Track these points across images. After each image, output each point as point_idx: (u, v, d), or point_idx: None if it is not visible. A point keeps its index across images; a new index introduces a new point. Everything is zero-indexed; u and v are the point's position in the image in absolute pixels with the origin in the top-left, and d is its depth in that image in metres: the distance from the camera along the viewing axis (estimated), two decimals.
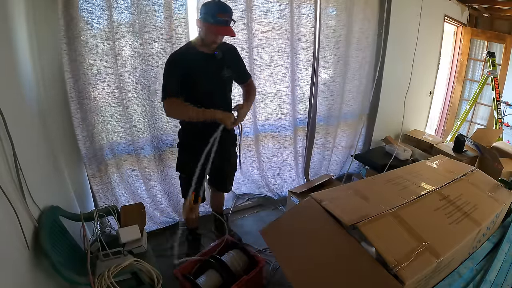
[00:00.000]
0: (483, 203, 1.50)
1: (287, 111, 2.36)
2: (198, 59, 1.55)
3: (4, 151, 1.01)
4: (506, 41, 3.61)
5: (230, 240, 1.83)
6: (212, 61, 1.58)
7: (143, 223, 1.60)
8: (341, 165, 2.98)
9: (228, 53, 1.65)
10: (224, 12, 1.46)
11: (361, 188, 1.57)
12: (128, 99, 1.81)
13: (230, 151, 1.83)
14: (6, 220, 0.96)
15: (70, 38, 1.54)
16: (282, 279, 1.78)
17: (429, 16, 2.87)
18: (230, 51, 1.69)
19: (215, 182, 1.95)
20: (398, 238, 1.23)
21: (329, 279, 1.22)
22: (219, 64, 1.61)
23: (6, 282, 0.90)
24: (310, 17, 2.22)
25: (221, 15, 1.45)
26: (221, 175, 1.88)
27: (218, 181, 1.93)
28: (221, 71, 1.62)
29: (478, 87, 3.52)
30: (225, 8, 1.48)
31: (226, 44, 1.68)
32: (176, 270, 1.58)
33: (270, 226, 1.57)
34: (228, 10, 1.49)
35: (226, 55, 1.63)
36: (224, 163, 1.80)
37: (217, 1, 1.50)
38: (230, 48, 1.70)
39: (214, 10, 1.45)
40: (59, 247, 1.24)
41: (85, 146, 1.75)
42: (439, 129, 4.19)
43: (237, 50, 1.73)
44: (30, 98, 1.39)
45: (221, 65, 1.61)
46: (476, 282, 1.26)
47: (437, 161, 1.95)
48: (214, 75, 1.60)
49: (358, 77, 2.65)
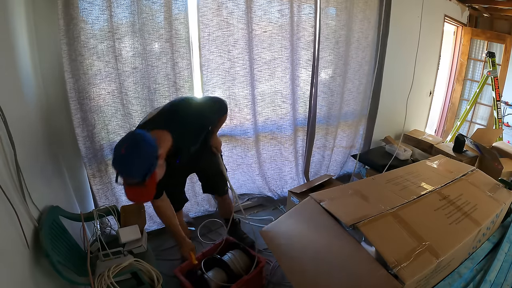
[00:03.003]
0: (483, 203, 1.50)
1: (287, 111, 2.36)
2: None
3: (4, 151, 1.01)
4: (506, 41, 3.61)
5: (231, 240, 1.83)
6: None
7: (143, 223, 1.60)
8: (341, 165, 2.98)
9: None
10: (125, 175, 1.16)
11: (361, 188, 1.57)
12: (128, 99, 1.81)
13: (207, 160, 1.78)
14: (6, 220, 0.96)
15: (70, 38, 1.54)
16: (282, 279, 1.77)
17: (429, 16, 2.87)
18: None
19: (207, 189, 1.99)
20: (398, 238, 1.23)
21: (329, 279, 1.22)
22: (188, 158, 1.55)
23: (6, 282, 0.90)
24: (310, 17, 2.22)
25: (124, 177, 1.17)
26: (209, 181, 1.93)
27: (209, 187, 1.96)
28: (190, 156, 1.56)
29: (478, 87, 3.52)
30: (123, 171, 1.15)
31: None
32: (176, 269, 1.59)
33: (270, 226, 1.57)
34: (128, 173, 1.15)
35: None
36: (206, 171, 1.85)
37: (117, 161, 1.15)
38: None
39: (117, 171, 1.17)
40: (59, 247, 1.24)
41: (85, 146, 1.75)
42: (439, 129, 4.19)
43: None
44: (30, 98, 1.39)
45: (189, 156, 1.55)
46: (476, 282, 1.27)
47: (437, 161, 1.95)
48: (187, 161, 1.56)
49: (358, 77, 2.65)
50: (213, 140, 1.72)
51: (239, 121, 2.24)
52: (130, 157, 1.12)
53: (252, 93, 2.18)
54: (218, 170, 1.81)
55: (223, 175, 1.83)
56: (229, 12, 1.92)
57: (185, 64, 1.87)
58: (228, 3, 1.90)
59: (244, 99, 2.17)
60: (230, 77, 2.08)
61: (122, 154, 1.12)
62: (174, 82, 1.89)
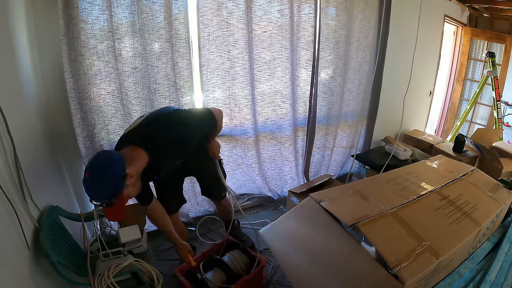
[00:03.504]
0: (483, 203, 1.50)
1: (287, 111, 2.36)
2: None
3: (4, 151, 1.01)
4: (506, 41, 3.61)
5: (231, 240, 1.83)
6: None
7: (143, 223, 1.60)
8: (341, 165, 2.98)
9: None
10: (91, 198, 1.15)
11: (361, 188, 1.57)
12: (128, 99, 1.81)
13: (202, 165, 1.74)
14: (6, 220, 0.96)
15: (70, 38, 1.54)
16: (282, 279, 1.78)
17: (429, 16, 2.87)
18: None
19: (204, 193, 1.94)
20: (398, 238, 1.23)
21: (329, 279, 1.22)
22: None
23: (6, 282, 0.90)
24: (310, 17, 2.22)
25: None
26: (204, 185, 1.89)
27: (206, 191, 1.92)
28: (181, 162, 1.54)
29: (478, 87, 3.52)
30: (89, 194, 1.14)
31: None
32: (176, 269, 1.59)
33: (270, 226, 1.57)
34: (93, 196, 1.14)
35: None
36: (201, 175, 1.83)
37: (84, 183, 1.13)
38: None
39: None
40: (59, 247, 1.24)
41: (85, 146, 1.75)
42: (439, 129, 4.19)
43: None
44: (30, 98, 1.39)
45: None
46: (476, 282, 1.27)
47: (437, 161, 1.95)
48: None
49: (358, 77, 2.65)
50: (210, 146, 1.64)
51: (239, 121, 2.24)
52: (94, 180, 1.11)
53: (252, 93, 2.18)
54: (214, 175, 1.74)
55: (219, 180, 1.75)
56: (229, 12, 1.92)
57: (185, 64, 1.87)
58: (228, 3, 1.90)
59: (244, 99, 2.17)
60: (230, 77, 2.08)
61: (87, 177, 1.12)
62: (174, 82, 1.89)
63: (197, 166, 1.70)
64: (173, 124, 1.38)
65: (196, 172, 1.82)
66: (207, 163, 1.71)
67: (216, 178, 1.75)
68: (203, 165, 1.72)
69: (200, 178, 1.87)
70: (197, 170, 1.78)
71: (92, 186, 1.13)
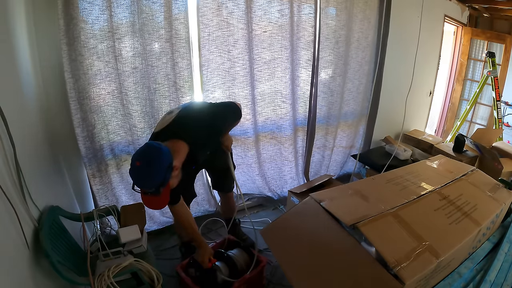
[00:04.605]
0: (483, 203, 1.50)
1: (287, 111, 2.36)
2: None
3: (4, 151, 1.01)
4: (506, 41, 3.61)
5: (231, 239, 1.83)
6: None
7: (143, 223, 1.60)
8: (341, 165, 2.98)
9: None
10: (139, 186, 1.22)
11: (361, 188, 1.57)
12: (128, 99, 1.81)
13: (218, 157, 1.78)
14: (6, 220, 0.96)
15: (70, 38, 1.54)
16: (282, 279, 1.77)
17: (429, 16, 2.87)
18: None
19: (216, 186, 1.98)
20: (398, 238, 1.23)
21: (329, 279, 1.22)
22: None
23: (6, 282, 0.90)
24: (310, 17, 2.22)
25: (139, 188, 1.22)
26: (215, 177, 1.93)
27: (218, 184, 1.95)
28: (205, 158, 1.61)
29: (478, 87, 3.52)
30: (138, 182, 1.20)
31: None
32: (177, 266, 1.59)
33: (270, 226, 1.57)
34: (142, 185, 1.21)
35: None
36: (215, 168, 1.86)
37: (132, 171, 1.19)
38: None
39: (132, 180, 1.20)
40: (59, 247, 1.24)
41: (85, 146, 1.75)
42: (439, 129, 4.19)
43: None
44: (30, 98, 1.39)
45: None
46: (476, 282, 1.27)
47: (437, 161, 1.95)
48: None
49: (358, 77, 2.65)
50: (225, 139, 1.71)
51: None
52: (145, 169, 1.15)
53: (252, 93, 2.18)
54: (226, 167, 1.81)
55: (230, 172, 1.82)
56: (229, 12, 1.92)
57: (185, 64, 1.87)
58: (228, 3, 1.90)
59: (244, 99, 2.17)
60: (230, 77, 2.08)
61: (137, 166, 1.16)
62: (174, 82, 1.89)
63: (212, 158, 1.73)
64: (208, 115, 1.49)
65: (212, 164, 1.83)
66: (220, 155, 1.76)
67: (227, 171, 1.81)
68: (217, 157, 1.76)
69: (213, 171, 1.91)
70: (212, 162, 1.80)
71: (142, 176, 1.18)
